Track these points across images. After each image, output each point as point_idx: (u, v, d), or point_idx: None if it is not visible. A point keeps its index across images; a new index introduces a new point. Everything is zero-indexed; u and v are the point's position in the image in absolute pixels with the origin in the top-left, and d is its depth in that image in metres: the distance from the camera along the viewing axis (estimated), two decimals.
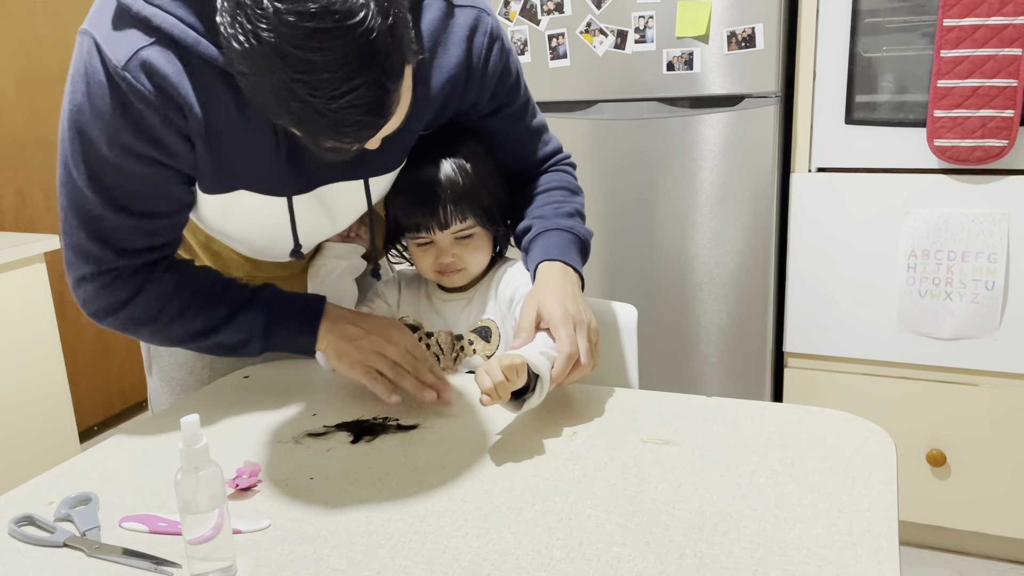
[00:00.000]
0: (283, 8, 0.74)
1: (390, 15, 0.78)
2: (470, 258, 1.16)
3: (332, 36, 0.75)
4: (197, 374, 1.25)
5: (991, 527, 1.97)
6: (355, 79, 0.77)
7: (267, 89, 0.79)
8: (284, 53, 0.76)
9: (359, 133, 0.82)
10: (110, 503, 0.87)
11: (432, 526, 0.80)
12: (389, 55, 0.78)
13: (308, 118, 0.80)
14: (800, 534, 0.75)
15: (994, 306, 1.85)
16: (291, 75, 0.77)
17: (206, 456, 0.71)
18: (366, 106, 0.79)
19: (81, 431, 2.83)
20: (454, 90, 1.07)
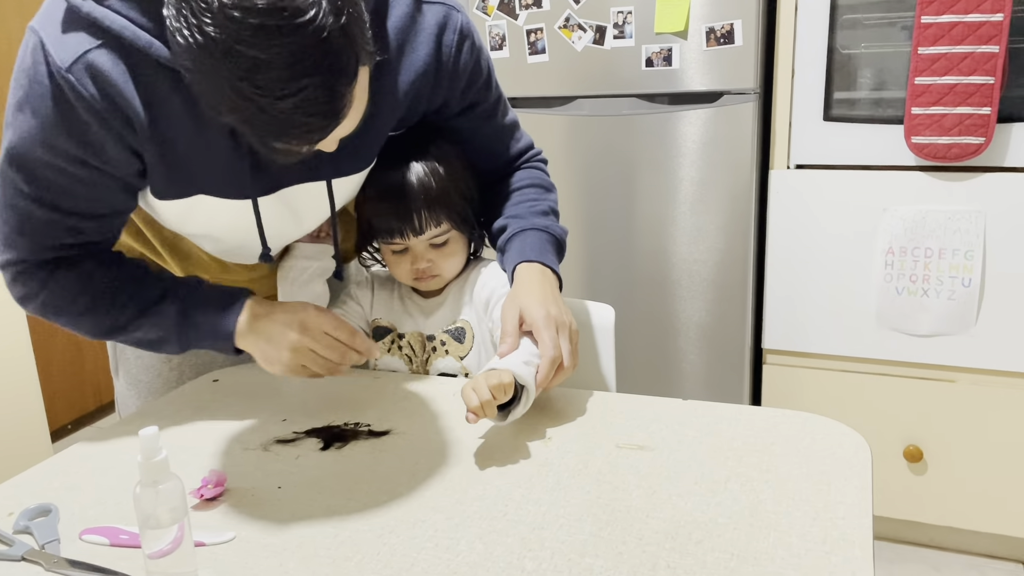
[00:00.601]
0: (228, 3, 0.72)
1: (343, 14, 0.75)
2: (445, 263, 1.14)
3: (280, 33, 0.72)
4: (164, 377, 1.22)
5: (967, 522, 1.98)
6: (303, 79, 0.74)
7: (212, 87, 0.77)
8: (228, 50, 0.73)
9: (307, 135, 0.80)
10: (71, 514, 0.85)
11: (402, 537, 0.78)
12: (340, 56, 0.76)
13: (254, 118, 0.77)
14: (774, 543, 0.74)
15: (970, 303, 1.85)
16: (236, 73, 0.74)
17: (166, 469, 0.69)
18: (314, 108, 0.76)
19: (54, 430, 2.79)
20: (422, 89, 1.05)
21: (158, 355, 1.21)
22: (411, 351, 1.19)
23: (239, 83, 0.74)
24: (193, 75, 0.77)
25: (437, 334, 1.18)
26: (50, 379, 2.81)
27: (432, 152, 1.11)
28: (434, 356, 1.18)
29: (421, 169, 1.10)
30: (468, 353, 1.17)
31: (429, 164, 1.10)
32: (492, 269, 1.18)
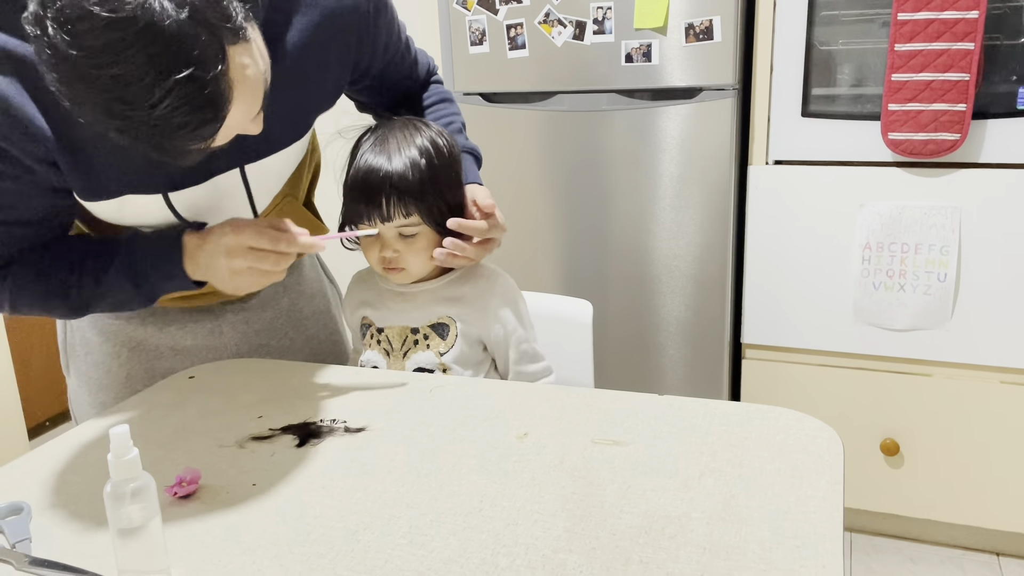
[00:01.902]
0: (65, 31, 0.71)
1: (186, 4, 0.72)
2: (413, 257, 1.14)
3: (124, 45, 0.71)
4: (114, 374, 1.21)
5: (943, 515, 2.00)
6: (165, 82, 0.73)
7: (88, 112, 0.76)
8: (85, 75, 0.72)
9: (198, 132, 0.78)
10: (42, 513, 0.84)
11: (376, 534, 0.78)
12: (195, 45, 0.74)
13: (137, 132, 0.76)
14: (746, 537, 0.74)
15: (946, 297, 1.87)
16: (102, 96, 0.73)
17: (137, 468, 0.69)
18: (191, 104, 0.75)
19: (32, 427, 2.76)
20: (342, 62, 1.07)
21: (107, 352, 1.21)
22: (389, 345, 1.19)
23: (109, 104, 0.74)
24: (66, 100, 0.77)
25: (422, 327, 1.18)
26: (27, 376, 2.79)
27: (422, 147, 1.11)
28: (414, 349, 1.18)
29: (403, 161, 1.10)
30: (449, 349, 1.17)
31: (413, 158, 1.11)
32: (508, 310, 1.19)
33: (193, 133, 0.78)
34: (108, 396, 1.21)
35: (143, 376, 1.21)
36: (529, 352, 1.20)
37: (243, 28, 0.79)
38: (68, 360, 1.26)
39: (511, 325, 1.18)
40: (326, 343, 1.33)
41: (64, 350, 1.26)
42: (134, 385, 1.20)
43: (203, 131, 0.79)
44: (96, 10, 0.70)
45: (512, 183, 2.14)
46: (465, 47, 2.08)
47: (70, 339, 1.24)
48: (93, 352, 1.21)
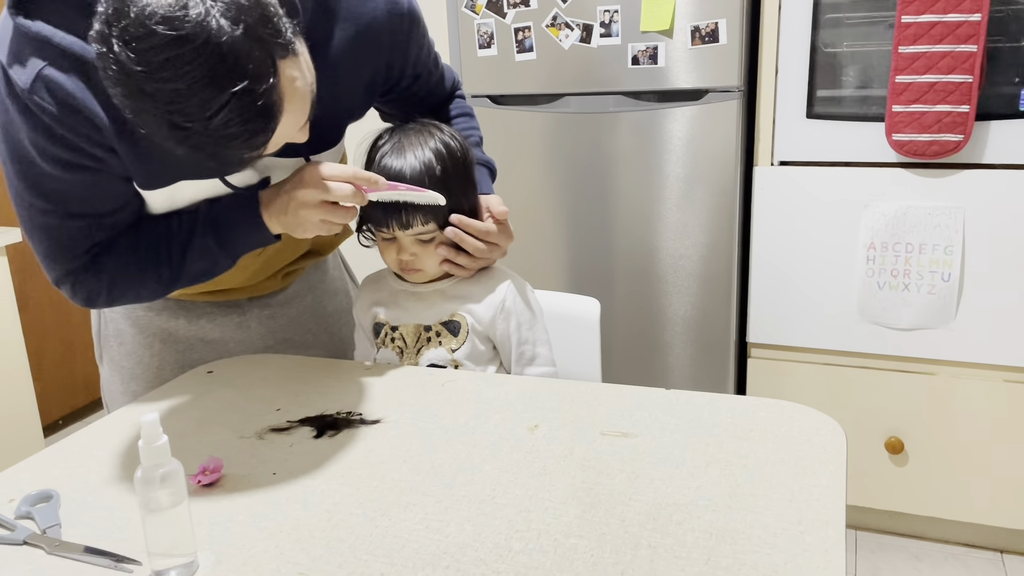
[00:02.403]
0: (129, 48, 0.75)
1: (240, 21, 0.77)
2: (429, 259, 1.17)
3: (183, 62, 0.76)
4: (146, 364, 1.25)
5: (947, 512, 2.02)
6: (222, 95, 0.78)
7: (149, 123, 0.81)
8: (146, 90, 0.77)
9: (251, 142, 0.83)
10: (71, 500, 0.87)
11: (393, 520, 0.81)
12: (249, 60, 0.78)
13: (195, 142, 0.81)
14: (751, 524, 0.77)
15: (950, 297, 1.89)
16: (162, 108, 0.78)
17: (166, 454, 0.72)
18: (245, 116, 0.80)
19: (45, 425, 2.80)
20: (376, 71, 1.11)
21: (139, 343, 1.25)
22: (403, 343, 1.21)
23: (169, 116, 0.79)
24: (128, 111, 0.81)
25: (434, 325, 1.21)
26: (41, 375, 2.83)
27: (434, 147, 1.14)
28: (427, 347, 1.20)
29: (418, 165, 1.13)
30: (461, 346, 1.20)
31: (426, 160, 1.13)
32: (521, 313, 1.22)
33: (246, 143, 0.83)
34: (139, 385, 1.25)
35: (173, 366, 1.25)
36: (528, 355, 1.22)
37: (292, 43, 0.84)
38: (102, 350, 1.30)
39: (513, 326, 1.21)
40: (348, 340, 1.37)
41: (98, 341, 1.30)
42: (165, 375, 1.25)
43: (255, 140, 0.83)
44: (159, 29, 0.75)
45: (520, 184, 2.17)
46: (473, 50, 2.11)
47: (104, 330, 1.28)
48: (126, 343, 1.26)
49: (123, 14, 0.75)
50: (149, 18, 0.75)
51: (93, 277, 1.06)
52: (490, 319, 1.20)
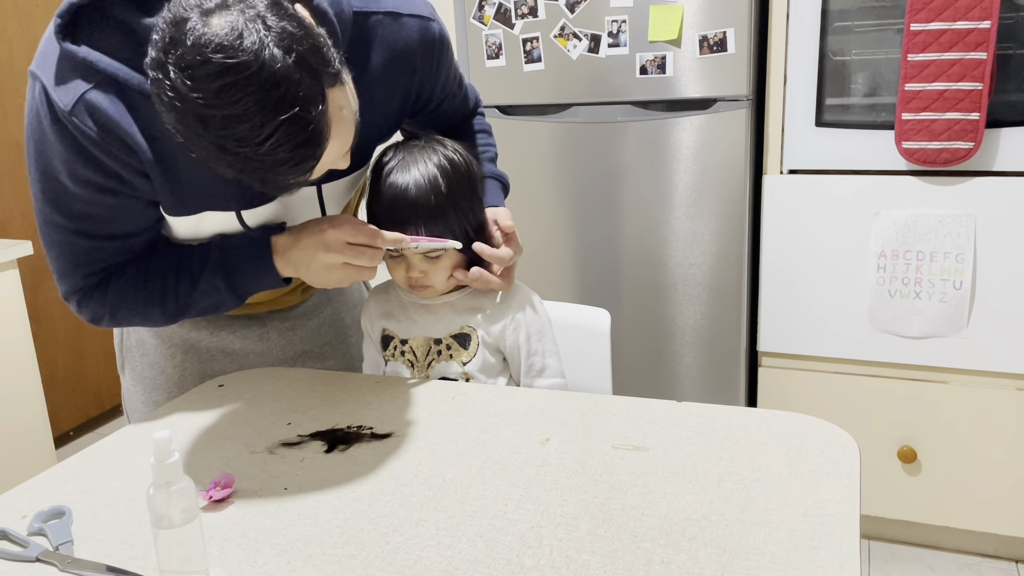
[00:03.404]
0: (185, 75, 0.78)
1: (293, 51, 0.79)
2: (438, 275, 1.17)
3: (237, 88, 0.78)
4: (168, 374, 1.26)
5: (961, 522, 2.01)
6: (273, 121, 0.79)
7: (200, 148, 0.83)
8: (200, 116, 0.79)
9: (298, 168, 0.85)
10: (83, 516, 0.88)
11: (405, 535, 0.81)
12: (300, 88, 0.80)
13: (244, 167, 0.83)
14: (764, 539, 0.76)
15: (962, 305, 1.88)
16: (214, 132, 0.80)
17: (178, 471, 0.72)
18: (294, 142, 0.82)
19: (56, 436, 2.81)
20: (405, 97, 1.13)
21: (161, 353, 1.26)
22: (413, 356, 1.21)
23: (221, 140, 0.81)
24: (180, 136, 0.83)
25: (444, 338, 1.21)
26: (52, 386, 2.84)
27: (438, 162, 1.14)
28: (437, 360, 1.20)
29: (423, 182, 1.12)
30: (472, 359, 1.20)
31: (431, 177, 1.13)
32: (528, 317, 1.22)
33: (295, 168, 0.84)
34: (161, 395, 1.27)
35: (195, 376, 1.26)
36: (537, 366, 1.22)
37: (340, 72, 0.86)
38: (124, 360, 1.31)
39: (523, 337, 1.21)
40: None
41: (120, 351, 1.32)
42: (186, 385, 1.26)
43: (303, 166, 0.85)
44: (215, 57, 0.77)
45: (529, 194, 2.17)
46: (482, 61, 2.12)
47: (126, 341, 1.29)
48: (148, 353, 1.27)
49: (179, 42, 0.78)
50: (205, 46, 0.77)
51: (99, 298, 1.08)
52: (500, 331, 1.20)
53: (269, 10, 0.80)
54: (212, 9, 0.79)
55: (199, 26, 0.78)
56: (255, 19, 0.79)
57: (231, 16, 0.78)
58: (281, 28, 0.80)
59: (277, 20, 0.80)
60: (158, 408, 1.19)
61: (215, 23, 0.78)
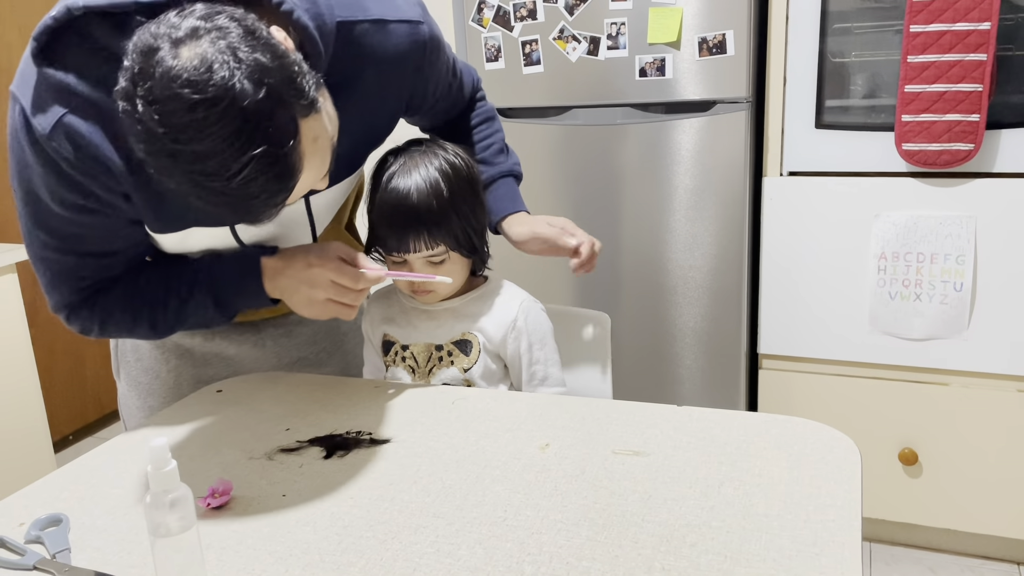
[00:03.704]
0: (154, 109, 0.76)
1: (263, 84, 0.78)
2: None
3: (207, 124, 0.76)
4: (163, 379, 1.26)
5: (962, 524, 2.00)
6: (243, 156, 0.78)
7: (172, 181, 0.82)
8: (169, 151, 0.78)
9: (271, 200, 0.84)
10: (81, 524, 0.87)
11: (404, 543, 0.80)
12: (271, 121, 0.79)
13: (216, 200, 0.82)
14: (766, 545, 0.76)
15: (962, 307, 1.88)
16: (185, 167, 0.79)
17: (175, 479, 0.71)
18: (266, 176, 0.81)
19: (56, 440, 2.80)
20: (397, 103, 1.12)
21: (156, 358, 1.26)
22: (414, 362, 1.21)
23: (190, 175, 0.80)
24: (151, 167, 0.82)
25: (445, 344, 1.20)
26: (52, 390, 2.83)
27: (439, 167, 1.13)
28: (439, 366, 1.20)
29: (425, 187, 1.12)
30: (473, 365, 1.19)
31: (433, 181, 1.13)
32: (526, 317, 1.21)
33: (267, 201, 0.84)
34: (156, 400, 1.26)
35: (190, 381, 1.26)
36: (539, 375, 1.22)
37: (315, 100, 0.84)
38: (119, 366, 1.31)
39: (524, 346, 1.20)
40: (361, 357, 1.37)
41: (115, 356, 1.31)
42: (182, 390, 1.25)
43: (275, 199, 0.84)
44: (183, 92, 0.75)
45: (528, 197, 2.14)
46: (481, 63, 2.11)
47: (121, 346, 1.29)
48: (143, 358, 1.27)
49: (148, 75, 0.76)
50: (174, 80, 0.75)
51: (87, 312, 1.08)
52: (501, 338, 1.19)
53: (242, 39, 0.78)
54: (182, 39, 0.77)
55: (168, 58, 0.76)
56: (226, 51, 0.77)
57: (201, 47, 0.76)
58: (253, 60, 0.77)
59: (250, 51, 0.78)
60: (156, 414, 1.19)
61: (184, 55, 0.76)
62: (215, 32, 0.78)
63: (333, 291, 1.06)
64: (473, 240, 1.17)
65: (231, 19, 0.80)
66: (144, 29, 0.79)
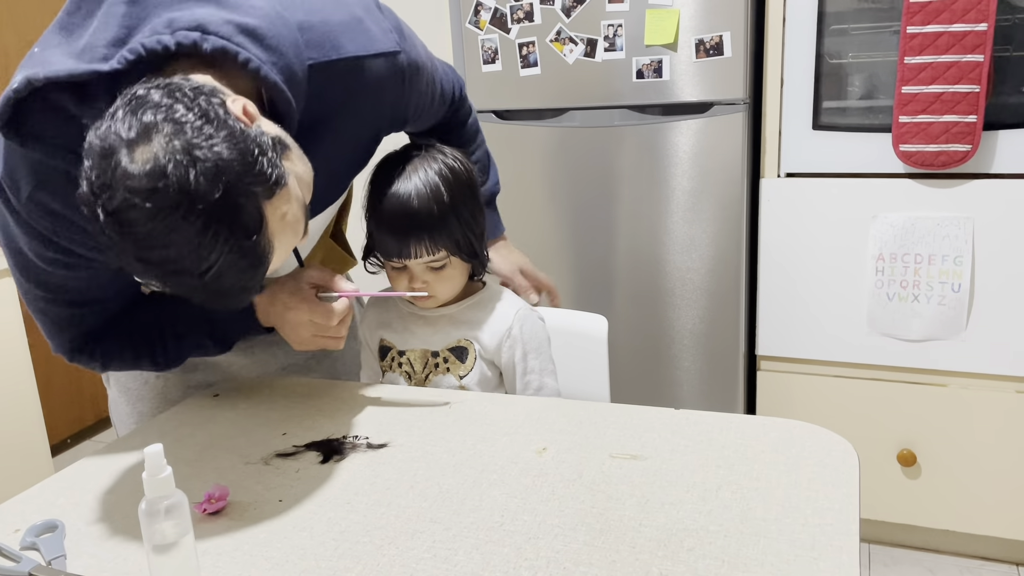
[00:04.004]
0: (114, 220, 0.77)
1: (221, 180, 0.77)
2: (441, 286, 1.17)
3: (168, 230, 0.77)
4: (151, 385, 1.26)
5: (961, 525, 2.00)
6: (211, 254, 0.79)
7: (146, 279, 0.83)
8: (136, 256, 0.79)
9: (246, 287, 0.85)
10: (76, 530, 0.87)
11: (400, 548, 0.80)
12: (235, 215, 0.79)
13: (191, 292, 0.83)
14: (764, 550, 0.76)
15: (960, 308, 1.87)
16: (154, 270, 0.80)
17: (170, 485, 0.71)
18: (235, 269, 0.81)
19: (53, 444, 2.80)
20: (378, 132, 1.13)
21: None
22: (410, 368, 1.21)
23: (161, 276, 0.81)
24: (126, 270, 0.83)
25: (441, 351, 1.20)
26: (49, 394, 2.83)
27: (439, 171, 1.13)
28: (435, 373, 1.20)
29: (425, 192, 1.11)
30: (469, 372, 1.19)
31: (433, 186, 1.12)
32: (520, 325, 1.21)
33: (241, 289, 0.85)
34: (146, 406, 1.26)
35: (178, 387, 1.26)
36: (534, 384, 1.21)
37: (280, 178, 0.83)
38: (108, 372, 1.30)
39: (519, 354, 1.20)
40: (350, 364, 1.36)
41: None
42: (170, 395, 1.25)
43: (249, 284, 0.85)
44: (139, 202, 0.75)
45: (525, 199, 2.17)
46: (478, 65, 2.11)
47: None
48: None
49: (106, 184, 0.76)
50: (131, 191, 0.75)
51: (88, 356, 1.12)
52: (496, 346, 1.19)
53: (199, 132, 0.77)
54: (135, 140, 0.76)
55: (124, 161, 0.75)
56: (181, 151, 0.76)
57: (155, 147, 0.76)
58: (211, 156, 0.77)
59: (207, 145, 0.77)
60: (151, 419, 1.18)
61: (139, 158, 0.75)
62: (169, 127, 0.77)
63: (313, 328, 1.09)
64: (473, 244, 1.17)
65: (188, 102, 0.79)
66: (104, 125, 0.78)
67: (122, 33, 0.88)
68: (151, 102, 0.78)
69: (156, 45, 0.86)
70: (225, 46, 0.87)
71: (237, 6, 0.92)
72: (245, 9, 0.92)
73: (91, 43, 0.89)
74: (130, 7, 0.90)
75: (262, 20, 0.92)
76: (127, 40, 0.88)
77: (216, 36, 0.87)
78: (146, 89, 0.80)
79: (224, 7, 0.91)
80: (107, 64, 0.86)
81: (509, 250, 1.40)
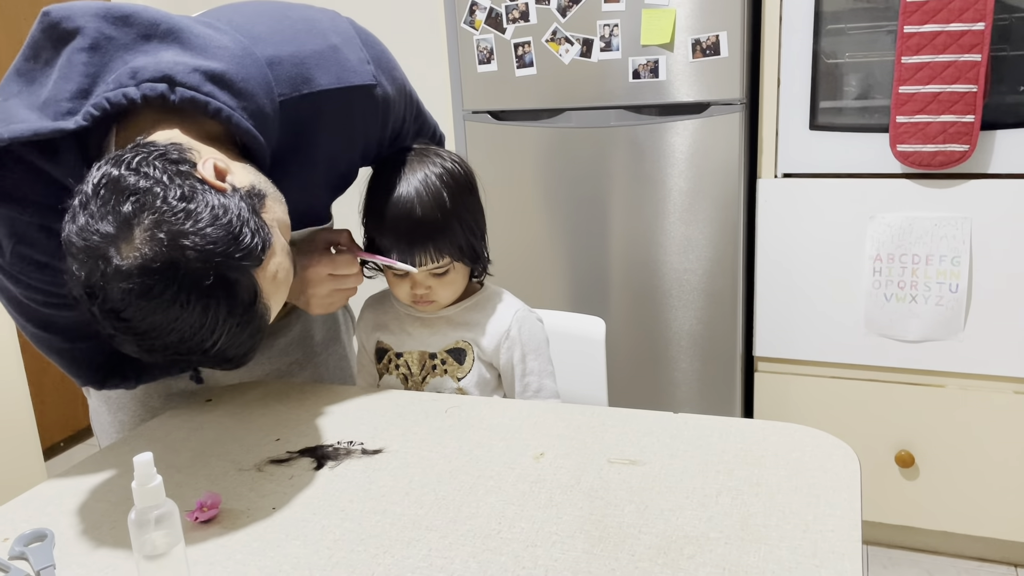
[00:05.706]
0: (114, 319, 0.77)
1: (212, 263, 0.77)
2: (443, 290, 1.16)
3: (168, 320, 0.78)
4: (132, 393, 1.23)
5: (960, 526, 1.99)
6: (213, 332, 0.80)
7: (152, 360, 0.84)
8: (141, 345, 0.80)
9: (247, 346, 0.85)
10: (66, 539, 0.85)
11: (396, 557, 0.78)
12: (231, 291, 0.80)
13: (201, 362, 0.85)
14: (765, 557, 0.75)
15: (958, 308, 1.87)
16: (160, 355, 0.81)
17: (161, 495, 0.70)
18: (238, 340, 0.83)
19: (46, 448, 2.78)
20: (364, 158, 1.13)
21: None
22: (407, 370, 1.19)
23: (167, 357, 0.82)
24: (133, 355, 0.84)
25: (439, 352, 1.19)
26: (42, 396, 2.81)
27: (439, 172, 1.12)
28: (432, 375, 1.18)
29: (427, 199, 1.10)
30: (467, 374, 1.18)
31: (435, 192, 1.10)
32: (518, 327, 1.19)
33: (245, 347, 0.85)
34: (126, 415, 1.24)
35: (159, 394, 1.23)
36: (533, 386, 1.20)
37: (266, 241, 0.83)
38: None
39: (518, 356, 1.19)
40: (334, 369, 1.35)
41: None
42: (152, 403, 1.23)
43: (251, 344, 0.86)
44: (134, 300, 0.76)
45: (521, 199, 2.15)
46: (473, 66, 2.10)
47: None
48: None
49: (98, 287, 0.76)
50: (125, 293, 0.75)
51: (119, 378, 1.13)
52: (494, 347, 1.18)
53: (180, 219, 0.76)
54: (117, 236, 0.75)
55: (115, 260, 0.75)
56: (169, 242, 0.75)
57: (139, 241, 0.75)
58: (200, 242, 0.76)
59: (192, 228, 0.76)
60: (146, 423, 1.17)
61: (127, 254, 0.75)
62: (149, 218, 0.76)
63: (333, 282, 1.09)
64: (476, 247, 1.15)
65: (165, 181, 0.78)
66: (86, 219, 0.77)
67: (85, 83, 0.87)
68: (125, 187, 0.77)
69: (121, 100, 0.85)
70: (194, 97, 0.86)
71: (204, 48, 0.90)
72: (212, 52, 0.90)
73: (54, 95, 0.87)
74: (91, 55, 0.88)
75: (230, 63, 0.90)
76: (91, 91, 0.87)
77: (184, 87, 0.86)
78: (116, 167, 0.78)
79: (189, 50, 0.89)
80: (72, 121, 0.85)
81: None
